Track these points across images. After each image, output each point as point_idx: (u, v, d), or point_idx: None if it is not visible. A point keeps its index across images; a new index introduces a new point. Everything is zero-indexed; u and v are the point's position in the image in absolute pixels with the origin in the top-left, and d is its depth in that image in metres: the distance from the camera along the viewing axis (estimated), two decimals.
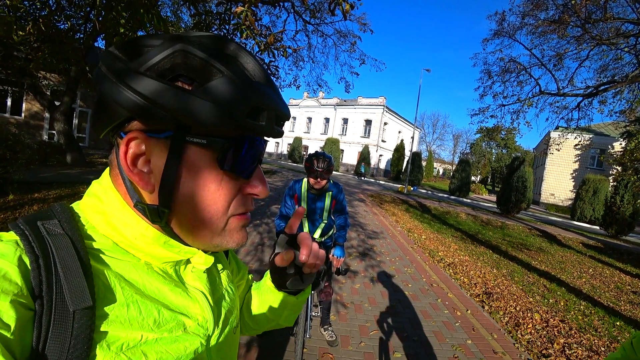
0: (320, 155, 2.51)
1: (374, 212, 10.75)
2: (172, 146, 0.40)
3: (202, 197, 0.42)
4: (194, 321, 0.46)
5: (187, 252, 0.47)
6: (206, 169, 0.42)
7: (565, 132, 10.95)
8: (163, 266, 0.46)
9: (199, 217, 0.43)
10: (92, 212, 0.43)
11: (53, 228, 0.39)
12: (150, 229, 0.43)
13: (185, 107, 0.37)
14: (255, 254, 4.88)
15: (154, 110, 0.37)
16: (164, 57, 0.38)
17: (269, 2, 4.46)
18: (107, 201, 0.43)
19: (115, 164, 0.44)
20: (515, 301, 4.47)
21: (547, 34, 8.79)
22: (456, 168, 26.45)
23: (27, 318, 0.33)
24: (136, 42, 0.40)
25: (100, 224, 0.43)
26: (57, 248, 0.37)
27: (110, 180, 0.45)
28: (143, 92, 0.37)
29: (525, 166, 16.40)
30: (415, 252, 6.45)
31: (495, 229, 11.70)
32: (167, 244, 0.44)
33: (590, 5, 7.66)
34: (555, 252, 8.93)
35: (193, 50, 0.39)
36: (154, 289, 0.43)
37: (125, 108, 0.38)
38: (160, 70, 0.38)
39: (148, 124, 0.39)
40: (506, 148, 53.08)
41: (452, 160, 64.68)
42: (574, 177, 27.19)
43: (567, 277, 6.39)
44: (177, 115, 0.37)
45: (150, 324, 0.40)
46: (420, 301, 4.04)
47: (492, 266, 6.24)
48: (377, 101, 36.92)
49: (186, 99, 0.37)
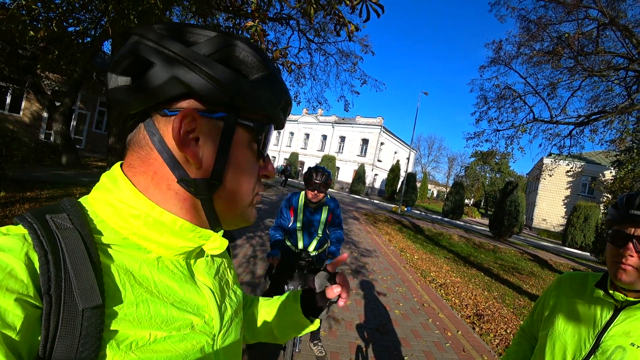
0: (320, 169, 2.56)
1: (368, 231, 10.76)
2: (226, 126, 0.44)
3: (241, 173, 0.47)
4: (201, 319, 0.46)
5: (203, 236, 0.46)
6: (247, 149, 0.47)
7: (557, 159, 11.19)
8: (175, 259, 0.46)
9: (240, 191, 0.47)
10: (102, 204, 0.43)
11: (62, 222, 0.38)
12: (166, 214, 0.43)
13: (244, 91, 0.43)
14: (247, 266, 4.85)
15: (218, 90, 0.41)
16: (223, 48, 0.43)
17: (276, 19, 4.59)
18: (117, 191, 0.42)
19: (144, 143, 0.43)
20: (506, 324, 4.47)
21: (541, 64, 9.09)
22: (450, 190, 26.63)
23: (34, 317, 0.32)
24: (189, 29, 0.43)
25: (111, 217, 0.42)
26: (66, 243, 0.36)
27: (120, 170, 0.45)
28: (210, 72, 0.41)
29: (518, 191, 16.60)
30: (408, 271, 6.44)
31: (488, 251, 11.74)
32: (182, 227, 0.44)
33: (582, 39, 7.99)
34: (546, 276, 8.97)
35: (245, 47, 0.44)
36: (164, 285, 0.43)
37: (188, 85, 0.40)
38: (222, 58, 0.43)
39: (205, 104, 0.43)
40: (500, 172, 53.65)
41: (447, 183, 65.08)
42: (565, 204, 27.53)
43: None
44: (235, 99, 0.43)
45: (158, 322, 0.40)
46: (411, 320, 4.02)
47: (483, 288, 6.25)
48: (375, 121, 37.38)
49: (245, 85, 0.44)
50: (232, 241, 0.57)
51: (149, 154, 0.43)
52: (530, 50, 9.12)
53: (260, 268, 4.75)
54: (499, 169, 53.23)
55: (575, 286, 1.05)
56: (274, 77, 0.47)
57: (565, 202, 27.67)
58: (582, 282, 1.05)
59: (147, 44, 0.41)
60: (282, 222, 2.74)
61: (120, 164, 0.46)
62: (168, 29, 0.42)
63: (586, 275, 1.07)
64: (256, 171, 0.50)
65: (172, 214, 0.44)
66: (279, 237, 2.66)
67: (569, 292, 1.05)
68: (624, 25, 7.35)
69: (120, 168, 0.45)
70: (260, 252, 5.53)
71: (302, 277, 2.50)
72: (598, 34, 7.91)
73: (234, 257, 5.10)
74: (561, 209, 27.74)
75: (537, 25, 8.71)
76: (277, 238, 2.64)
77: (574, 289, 1.04)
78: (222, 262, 0.58)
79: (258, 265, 4.91)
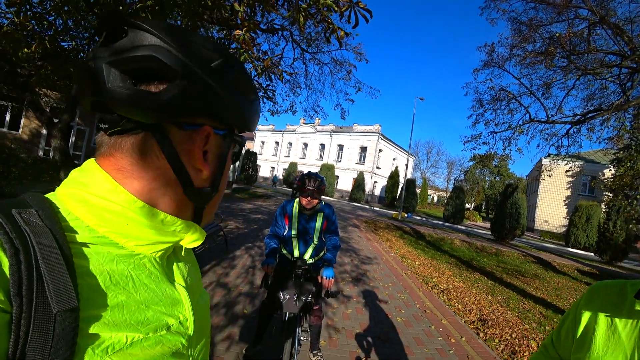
0: (312, 175, 2.53)
1: (368, 238, 10.68)
2: (226, 142, 0.50)
3: (225, 180, 0.53)
4: (176, 320, 0.45)
5: (183, 228, 0.47)
6: (229, 159, 0.53)
7: (556, 159, 11.14)
8: (152, 256, 0.45)
9: (220, 195, 0.53)
10: (74, 201, 0.40)
11: (31, 219, 0.35)
12: (147, 207, 0.42)
13: (242, 112, 0.49)
14: (246, 276, 4.78)
15: (229, 113, 0.47)
16: (236, 72, 0.47)
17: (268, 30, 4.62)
18: (95, 186, 0.41)
19: (148, 150, 0.42)
20: (511, 328, 4.38)
21: (535, 65, 9.12)
22: (450, 195, 26.56)
23: (2, 321, 0.30)
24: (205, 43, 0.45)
25: (85, 214, 0.40)
26: (38, 241, 0.33)
27: (96, 165, 0.43)
28: (232, 97, 0.46)
29: (518, 193, 16.52)
30: (409, 278, 6.36)
31: (490, 255, 11.64)
32: (164, 221, 0.44)
33: (574, 38, 8.04)
34: (550, 278, 8.85)
35: (244, 71, 0.49)
36: (141, 284, 0.42)
37: (211, 107, 0.44)
38: (235, 83, 0.47)
39: (218, 122, 0.47)
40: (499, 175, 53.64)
41: (446, 188, 64.93)
42: (566, 204, 27.43)
43: (563, 303, 6.31)
44: (242, 121, 0.50)
45: (134, 324, 0.39)
46: (414, 328, 3.94)
47: (487, 293, 6.16)
48: (373, 128, 37.55)
49: (248, 108, 0.50)
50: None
51: (153, 163, 0.43)
52: (522, 51, 9.16)
53: (259, 278, 4.69)
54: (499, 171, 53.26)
55: (612, 298, 0.89)
56: (259, 101, 0.54)
57: (566, 203, 27.57)
58: (620, 292, 0.88)
59: (173, 53, 0.40)
60: (277, 230, 2.70)
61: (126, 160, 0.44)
62: (188, 37, 0.43)
63: (623, 284, 0.90)
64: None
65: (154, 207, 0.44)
66: (274, 245, 2.62)
67: (604, 305, 0.89)
68: (614, 23, 7.40)
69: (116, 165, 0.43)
70: (259, 262, 5.47)
71: (299, 286, 2.44)
72: (589, 33, 7.94)
73: (232, 268, 5.05)
74: (563, 210, 27.62)
75: (528, 26, 8.78)
76: (272, 246, 2.60)
77: (611, 302, 0.88)
78: (192, 263, 0.59)
79: (257, 275, 4.84)
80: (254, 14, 3.62)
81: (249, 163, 26.76)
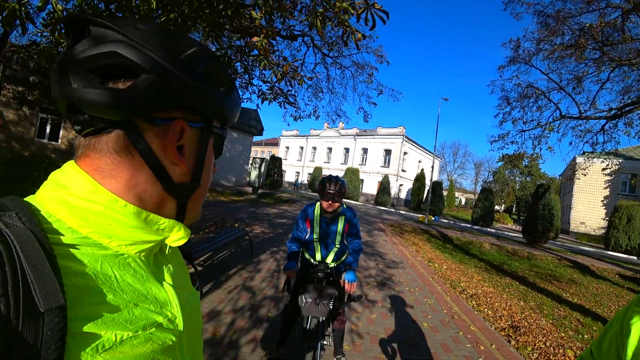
0: (333, 178, 2.52)
1: (394, 242, 10.50)
2: (204, 134, 0.49)
3: (209, 176, 0.52)
4: (165, 317, 0.45)
5: (167, 227, 0.47)
6: (212, 153, 0.52)
7: (591, 157, 10.54)
8: (136, 255, 0.45)
9: (205, 191, 0.53)
10: (55, 203, 0.40)
11: (11, 221, 0.35)
12: (130, 206, 0.42)
13: (224, 105, 0.49)
14: (271, 280, 4.83)
15: (200, 104, 0.46)
16: (207, 62, 0.46)
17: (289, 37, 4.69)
18: (75, 186, 0.41)
19: (122, 149, 0.42)
20: (545, 336, 4.15)
21: (564, 58, 8.71)
22: (479, 197, 25.75)
23: None
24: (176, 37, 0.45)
25: (66, 216, 0.39)
26: (20, 243, 0.33)
27: (76, 166, 0.43)
28: (204, 89, 0.45)
29: (551, 193, 15.76)
30: (436, 282, 6.18)
31: (522, 259, 11.13)
32: (147, 219, 0.44)
33: (606, 28, 7.61)
34: (588, 283, 8.34)
35: (221, 64, 0.49)
36: (126, 284, 0.41)
37: (183, 100, 0.44)
38: (207, 74, 0.46)
39: (192, 115, 0.46)
40: (530, 175, 51.37)
41: (475, 190, 62.83)
42: (605, 204, 25.86)
43: (604, 310, 5.92)
44: (217, 112, 0.49)
45: (123, 322, 0.38)
46: (441, 334, 3.82)
47: (518, 298, 5.88)
48: (397, 131, 37.13)
49: (225, 99, 0.50)
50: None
51: (128, 160, 0.42)
52: (550, 45, 8.79)
53: (283, 282, 4.71)
54: (529, 171, 51.03)
55: None
56: (236, 89, 0.53)
57: (604, 203, 25.99)
58: None
59: (137, 48, 0.40)
60: (298, 234, 2.72)
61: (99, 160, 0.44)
62: (154, 32, 0.42)
63: None
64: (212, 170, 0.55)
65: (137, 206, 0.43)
66: (296, 249, 2.63)
67: None
68: None
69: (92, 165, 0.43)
70: (282, 266, 5.50)
71: (320, 290, 2.43)
72: (623, 22, 7.49)
73: (258, 272, 5.11)
74: (601, 211, 26.05)
75: (555, 19, 8.41)
76: (294, 250, 2.61)
77: None
78: (179, 262, 0.59)
79: (281, 279, 4.87)
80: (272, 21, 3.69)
81: (274, 168, 27.06)
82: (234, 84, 0.52)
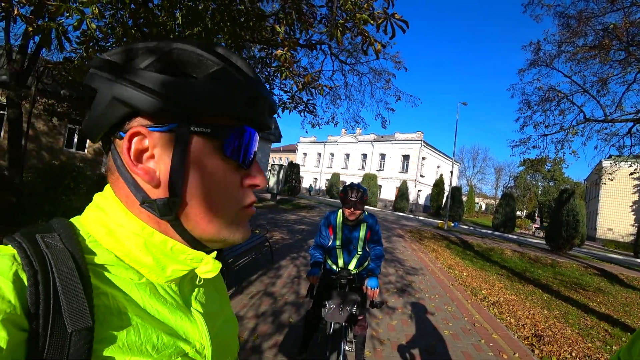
0: (355, 186, 2.57)
1: (413, 248, 10.41)
2: (177, 137, 0.40)
3: (209, 186, 0.43)
4: (192, 347, 0.44)
5: (194, 258, 0.44)
6: (211, 158, 0.42)
7: (618, 161, 10.17)
8: (166, 284, 0.44)
9: (209, 207, 0.43)
10: (95, 224, 0.42)
11: (52, 242, 0.37)
12: (157, 234, 0.42)
13: (187, 97, 0.39)
14: (291, 286, 4.89)
15: (158, 101, 0.38)
16: (161, 55, 0.40)
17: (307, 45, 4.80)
18: (111, 211, 0.42)
19: (113, 168, 0.43)
20: (571, 346, 4.04)
21: (587, 60, 8.49)
22: (499, 202, 25.17)
23: (20, 340, 0.30)
24: (128, 47, 0.41)
25: (104, 237, 0.41)
26: (56, 263, 0.34)
27: (112, 191, 0.44)
28: (146, 84, 0.38)
29: (575, 199, 15.23)
30: (457, 289, 6.10)
31: (545, 266, 10.81)
32: (173, 249, 0.43)
33: (632, 27, 7.38)
34: (617, 292, 8.02)
35: (188, 48, 0.41)
36: (155, 311, 0.41)
37: (127, 103, 0.38)
38: (161, 66, 0.39)
39: (152, 118, 0.40)
40: (553, 180, 49.72)
41: (495, 195, 61.35)
42: (634, 210, 24.80)
43: (633, 321, 5.69)
44: (180, 106, 0.39)
45: (149, 349, 0.38)
46: (462, 341, 3.78)
47: (542, 306, 5.73)
48: (415, 136, 36.84)
49: (188, 89, 0.39)
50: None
51: (119, 179, 0.42)
52: (572, 47, 8.59)
53: (304, 288, 4.77)
54: (552, 176, 49.42)
55: None
56: (229, 72, 0.42)
57: (634, 208, 24.92)
58: None
59: (92, 72, 0.40)
60: (321, 240, 2.77)
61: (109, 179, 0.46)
62: (114, 52, 0.41)
63: None
64: (235, 181, 0.45)
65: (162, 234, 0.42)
66: (319, 255, 2.68)
67: None
68: None
69: (110, 185, 0.45)
70: (304, 273, 5.57)
71: (343, 296, 2.48)
72: None
73: (278, 278, 5.18)
74: (629, 216, 24.97)
75: (577, 20, 8.22)
76: (317, 257, 2.67)
77: None
78: (215, 288, 0.57)
79: (302, 285, 4.93)
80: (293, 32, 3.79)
81: (292, 175, 27.25)
82: (220, 63, 0.42)
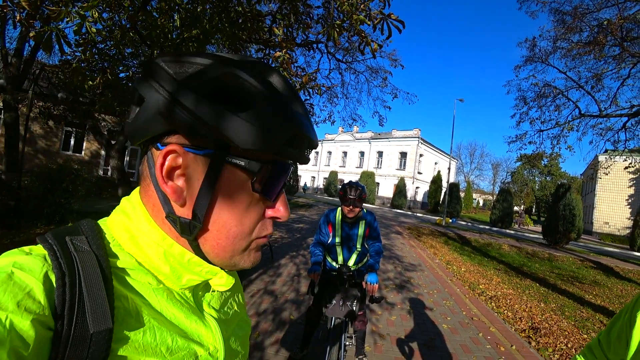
0: (353, 184, 2.62)
1: (411, 245, 10.49)
2: (212, 164, 0.41)
3: (232, 217, 0.43)
4: (206, 350, 0.45)
5: (209, 271, 0.46)
6: (239, 190, 0.43)
7: (613, 155, 10.28)
8: (182, 291, 0.46)
9: (226, 236, 0.43)
10: (119, 229, 0.43)
11: (80, 244, 0.39)
12: (176, 246, 0.43)
13: (228, 127, 0.38)
14: (291, 284, 4.95)
15: (199, 127, 0.38)
16: (214, 78, 0.39)
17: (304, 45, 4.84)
18: (135, 217, 0.44)
19: (146, 174, 0.44)
20: (567, 338, 4.12)
21: (582, 56, 8.56)
22: (497, 198, 25.33)
23: (46, 338, 0.32)
24: (187, 59, 0.41)
25: (126, 242, 0.43)
26: (83, 266, 0.36)
27: (139, 197, 0.45)
28: (191, 107, 0.38)
29: (572, 193, 15.36)
30: (455, 284, 6.18)
31: (542, 260, 10.92)
32: (190, 261, 0.44)
33: (626, 23, 7.45)
34: (612, 285, 8.14)
35: (242, 75, 0.40)
36: (171, 314, 0.43)
37: (170, 122, 0.39)
38: (209, 91, 0.39)
39: (190, 140, 0.40)
40: (550, 175, 50.02)
41: (493, 191, 61.61)
42: (630, 203, 24.99)
43: None
44: (220, 135, 0.38)
45: (163, 351, 0.40)
46: (460, 335, 3.86)
47: (539, 300, 5.82)
48: (412, 133, 36.90)
49: (231, 120, 0.38)
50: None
51: (149, 186, 0.43)
52: (568, 43, 8.67)
53: (304, 286, 4.83)
54: (549, 171, 49.73)
55: None
56: (275, 106, 0.41)
57: (629, 202, 25.11)
58: None
59: (145, 79, 0.41)
60: (321, 238, 2.82)
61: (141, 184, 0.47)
62: (173, 61, 0.41)
63: None
64: (258, 213, 0.46)
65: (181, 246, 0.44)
66: (319, 252, 2.74)
67: None
68: None
69: (139, 189, 0.46)
70: (303, 271, 5.63)
71: (344, 292, 2.53)
72: None
73: (278, 276, 5.24)
74: (625, 210, 25.17)
75: (572, 16, 8.29)
76: (317, 254, 2.72)
77: None
78: (231, 292, 0.58)
79: (302, 283, 4.99)
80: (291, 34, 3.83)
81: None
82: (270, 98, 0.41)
